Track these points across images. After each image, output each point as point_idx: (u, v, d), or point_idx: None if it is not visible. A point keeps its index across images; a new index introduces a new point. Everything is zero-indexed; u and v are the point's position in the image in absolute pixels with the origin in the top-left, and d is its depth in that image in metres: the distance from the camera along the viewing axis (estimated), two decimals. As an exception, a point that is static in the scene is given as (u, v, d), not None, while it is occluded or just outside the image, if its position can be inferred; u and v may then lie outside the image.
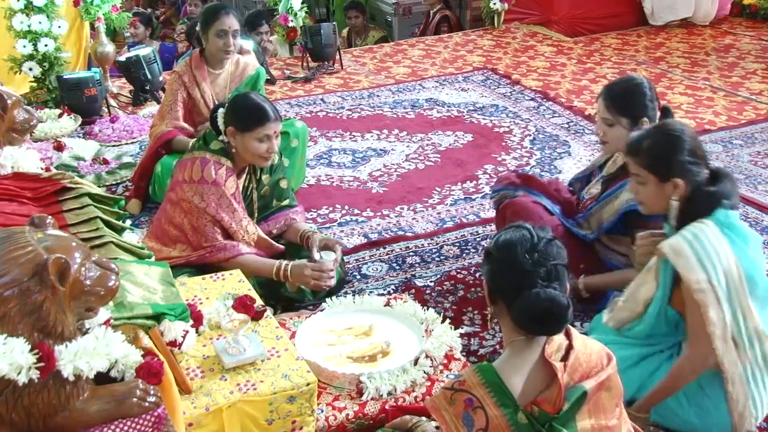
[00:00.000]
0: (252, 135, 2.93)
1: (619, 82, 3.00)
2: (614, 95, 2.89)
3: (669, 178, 2.34)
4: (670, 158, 2.34)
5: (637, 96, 2.87)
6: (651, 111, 2.85)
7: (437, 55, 6.80)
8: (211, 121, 3.05)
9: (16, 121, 2.50)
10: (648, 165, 2.38)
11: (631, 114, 2.84)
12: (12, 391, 1.59)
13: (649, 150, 2.37)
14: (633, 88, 2.89)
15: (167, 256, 2.97)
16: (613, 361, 1.86)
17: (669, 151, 2.35)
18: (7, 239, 1.61)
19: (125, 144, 4.84)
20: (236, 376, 2.17)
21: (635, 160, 2.42)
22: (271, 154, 2.99)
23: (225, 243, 2.95)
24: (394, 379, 2.45)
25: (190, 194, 2.94)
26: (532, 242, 1.81)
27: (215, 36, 3.88)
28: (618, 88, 2.93)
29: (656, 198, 2.40)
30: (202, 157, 2.98)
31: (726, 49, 6.80)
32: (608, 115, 2.88)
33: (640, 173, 2.41)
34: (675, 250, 2.25)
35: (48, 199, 2.41)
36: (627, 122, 2.85)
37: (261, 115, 2.94)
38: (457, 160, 4.60)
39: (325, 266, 2.87)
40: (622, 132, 2.84)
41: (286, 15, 6.61)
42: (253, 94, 3.13)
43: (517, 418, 1.73)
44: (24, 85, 5.40)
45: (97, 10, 5.47)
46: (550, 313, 1.76)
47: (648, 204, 2.45)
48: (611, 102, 2.88)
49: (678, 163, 2.33)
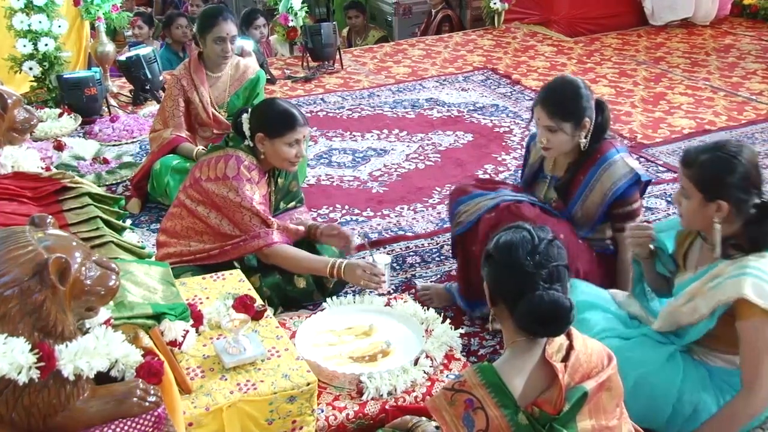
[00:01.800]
0: (282, 140, 2.93)
1: (556, 88, 2.91)
2: (555, 103, 2.84)
3: (714, 199, 2.26)
4: (723, 180, 2.25)
5: (577, 99, 2.83)
6: (590, 111, 2.85)
7: (437, 55, 6.80)
8: (235, 127, 3.05)
9: (16, 121, 2.50)
10: (697, 180, 2.29)
11: (573, 118, 2.82)
12: (12, 390, 1.59)
13: (702, 165, 2.28)
14: (572, 93, 2.84)
15: (184, 250, 2.98)
16: (613, 361, 1.86)
17: (721, 171, 2.26)
18: (8, 239, 1.61)
19: (125, 143, 4.84)
20: (236, 376, 2.16)
21: (686, 172, 2.33)
22: (300, 158, 3.01)
23: (259, 231, 2.93)
24: (395, 379, 2.45)
25: (224, 191, 2.92)
26: (533, 244, 1.81)
27: (213, 42, 3.89)
28: (557, 95, 2.86)
29: (697, 215, 2.32)
30: (236, 155, 2.98)
31: (726, 49, 6.80)
32: (551, 123, 2.82)
33: (687, 186, 2.32)
34: (760, 293, 2.16)
35: (48, 199, 2.40)
36: (570, 126, 2.83)
37: (291, 121, 2.94)
38: (458, 160, 4.60)
39: (377, 270, 2.85)
40: (566, 137, 2.84)
41: (286, 15, 6.61)
42: (279, 99, 3.13)
43: (518, 418, 1.72)
44: (24, 84, 5.39)
45: (98, 10, 5.47)
46: (553, 316, 1.76)
47: (687, 218, 2.37)
48: (553, 110, 2.82)
49: (727, 186, 2.25)
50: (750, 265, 2.21)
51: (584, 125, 2.84)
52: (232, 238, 2.95)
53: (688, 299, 2.33)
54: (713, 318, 2.27)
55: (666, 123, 5.18)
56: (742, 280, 2.18)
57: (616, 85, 5.96)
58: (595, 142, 2.89)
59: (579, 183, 2.91)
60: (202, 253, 2.98)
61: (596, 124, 2.87)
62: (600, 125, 2.88)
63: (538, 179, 3.11)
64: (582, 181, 2.90)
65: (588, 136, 2.86)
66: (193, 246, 3.00)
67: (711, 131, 5.01)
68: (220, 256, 2.97)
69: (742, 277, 2.19)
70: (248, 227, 2.93)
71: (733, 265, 2.25)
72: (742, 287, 2.17)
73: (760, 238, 2.25)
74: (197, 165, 3.09)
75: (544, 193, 3.07)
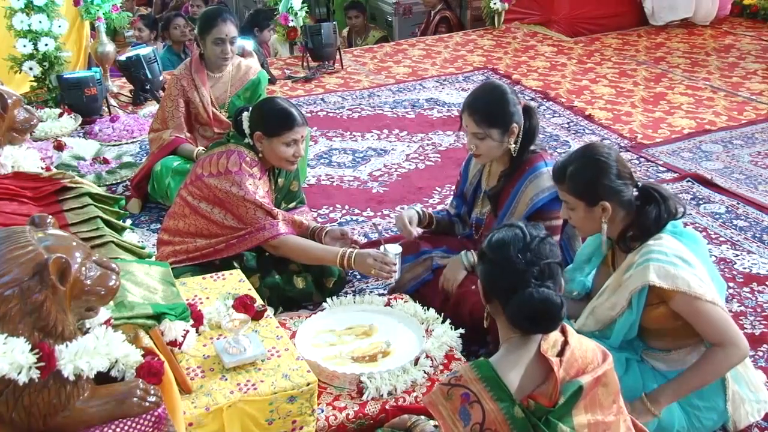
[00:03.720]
0: (279, 140, 2.94)
1: (482, 95, 2.86)
2: (481, 109, 2.80)
3: (597, 203, 2.34)
4: (597, 183, 2.33)
5: (504, 105, 2.80)
6: (517, 116, 2.81)
7: (437, 55, 6.80)
8: (235, 125, 3.05)
9: (16, 121, 2.50)
10: (575, 191, 2.37)
11: (501, 124, 2.80)
12: (12, 390, 1.59)
13: (574, 176, 2.36)
14: (498, 99, 2.82)
15: (189, 247, 2.99)
16: (609, 358, 1.87)
17: (595, 176, 2.34)
18: (8, 239, 1.61)
19: (125, 143, 4.84)
20: (236, 376, 2.16)
21: (562, 187, 2.41)
22: (298, 159, 3.01)
23: (264, 223, 2.93)
24: (395, 379, 2.45)
25: (227, 185, 2.92)
26: (525, 241, 1.82)
27: (212, 44, 3.90)
28: (483, 102, 2.83)
29: (588, 221, 2.40)
30: (238, 150, 2.98)
31: (726, 49, 6.80)
32: (479, 130, 2.80)
33: (568, 200, 2.40)
34: (663, 275, 2.24)
35: (48, 199, 2.40)
36: (498, 133, 2.80)
37: (288, 120, 2.94)
38: (458, 160, 4.59)
39: (388, 259, 2.85)
40: (494, 143, 2.82)
41: (286, 15, 6.61)
42: (279, 98, 3.13)
43: (514, 411, 1.74)
44: (24, 84, 5.39)
45: (98, 10, 5.47)
46: (544, 313, 1.78)
47: (580, 227, 2.46)
48: (480, 117, 2.79)
49: (605, 187, 2.33)
50: (652, 250, 2.29)
51: (512, 131, 2.80)
52: (237, 231, 2.95)
53: (609, 295, 2.39)
54: (632, 309, 2.32)
55: (666, 123, 5.18)
56: (645, 267, 2.27)
57: (616, 85, 5.96)
58: (525, 147, 2.86)
59: (508, 194, 2.89)
60: (208, 249, 2.98)
61: (525, 129, 2.83)
62: (529, 131, 2.85)
63: (477, 197, 3.08)
64: (511, 192, 2.87)
65: (518, 141, 2.83)
66: (199, 242, 3.00)
67: (711, 131, 5.01)
68: (227, 250, 2.97)
69: (647, 263, 2.27)
70: (253, 220, 2.92)
71: (638, 253, 2.33)
72: (647, 274, 2.25)
73: (649, 223, 2.34)
74: (198, 162, 3.09)
75: (480, 207, 3.04)
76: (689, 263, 2.28)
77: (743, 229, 3.79)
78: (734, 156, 4.65)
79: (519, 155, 2.86)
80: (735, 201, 4.05)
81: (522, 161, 2.87)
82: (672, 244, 2.31)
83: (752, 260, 3.52)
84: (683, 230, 2.41)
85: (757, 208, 3.98)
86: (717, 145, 4.80)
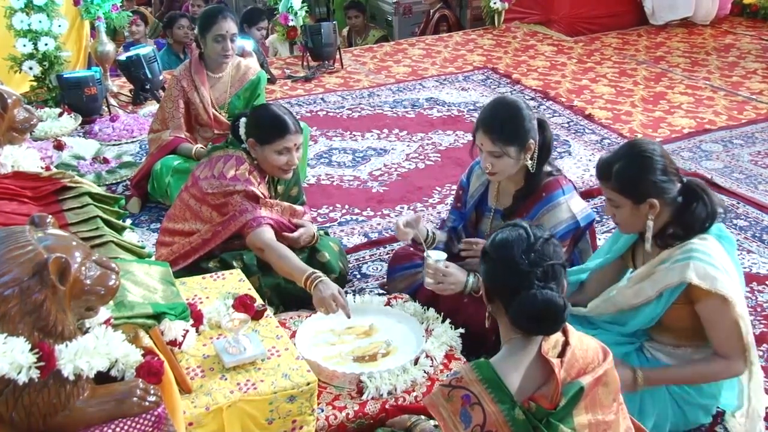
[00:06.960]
0: (272, 147, 2.92)
1: (497, 113, 2.72)
2: (497, 127, 2.68)
3: (644, 200, 2.30)
4: (643, 180, 2.29)
5: (520, 121, 2.68)
6: (533, 132, 2.72)
7: (437, 55, 6.80)
8: (233, 130, 3.04)
9: (16, 120, 2.50)
10: (621, 189, 2.32)
11: (518, 141, 2.69)
12: (12, 390, 1.59)
13: (620, 174, 2.31)
14: (514, 115, 2.69)
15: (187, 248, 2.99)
16: (609, 356, 1.86)
17: (641, 173, 2.30)
18: (8, 238, 1.61)
19: (125, 143, 4.84)
20: (236, 376, 2.16)
21: (607, 185, 2.36)
22: (291, 167, 2.97)
23: (246, 205, 2.90)
24: (395, 378, 2.45)
25: (221, 187, 2.92)
26: (529, 242, 1.81)
27: (213, 41, 3.89)
28: (499, 120, 2.69)
29: (633, 219, 2.36)
30: (237, 155, 2.98)
31: (726, 49, 6.80)
32: (495, 148, 2.68)
33: (613, 197, 2.35)
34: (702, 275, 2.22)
35: (48, 199, 2.40)
36: (515, 150, 2.70)
37: (281, 128, 2.91)
38: (458, 160, 4.60)
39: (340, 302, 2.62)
40: (511, 161, 2.70)
41: (286, 14, 6.61)
42: (274, 105, 3.09)
43: (515, 413, 1.73)
44: (24, 84, 5.39)
45: (97, 9, 5.47)
46: (546, 314, 1.76)
47: (625, 225, 2.41)
48: (496, 135, 2.67)
49: (652, 184, 2.29)
50: (695, 248, 2.27)
51: (529, 147, 2.70)
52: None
53: (635, 282, 2.38)
54: (660, 303, 2.31)
55: (666, 122, 5.18)
56: (686, 265, 2.25)
57: (616, 84, 5.96)
58: (542, 163, 2.77)
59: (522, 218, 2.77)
60: (197, 241, 2.98)
61: (540, 144, 2.74)
62: (544, 145, 2.75)
63: (483, 214, 2.99)
64: (525, 217, 2.76)
65: (533, 157, 2.73)
66: (194, 241, 3.00)
67: (711, 131, 5.01)
68: (214, 239, 2.96)
69: (687, 261, 2.25)
70: (237, 204, 2.91)
71: (679, 249, 2.30)
72: (687, 272, 2.24)
73: (693, 222, 2.31)
74: (198, 165, 3.09)
75: (491, 226, 2.94)
76: (728, 271, 2.25)
77: (743, 228, 3.80)
78: (734, 155, 4.65)
79: (536, 173, 2.76)
80: (735, 200, 4.05)
81: (538, 183, 2.77)
82: (716, 248, 2.28)
83: (752, 260, 3.52)
84: (727, 235, 2.38)
85: (757, 208, 3.98)
86: (717, 145, 4.80)
